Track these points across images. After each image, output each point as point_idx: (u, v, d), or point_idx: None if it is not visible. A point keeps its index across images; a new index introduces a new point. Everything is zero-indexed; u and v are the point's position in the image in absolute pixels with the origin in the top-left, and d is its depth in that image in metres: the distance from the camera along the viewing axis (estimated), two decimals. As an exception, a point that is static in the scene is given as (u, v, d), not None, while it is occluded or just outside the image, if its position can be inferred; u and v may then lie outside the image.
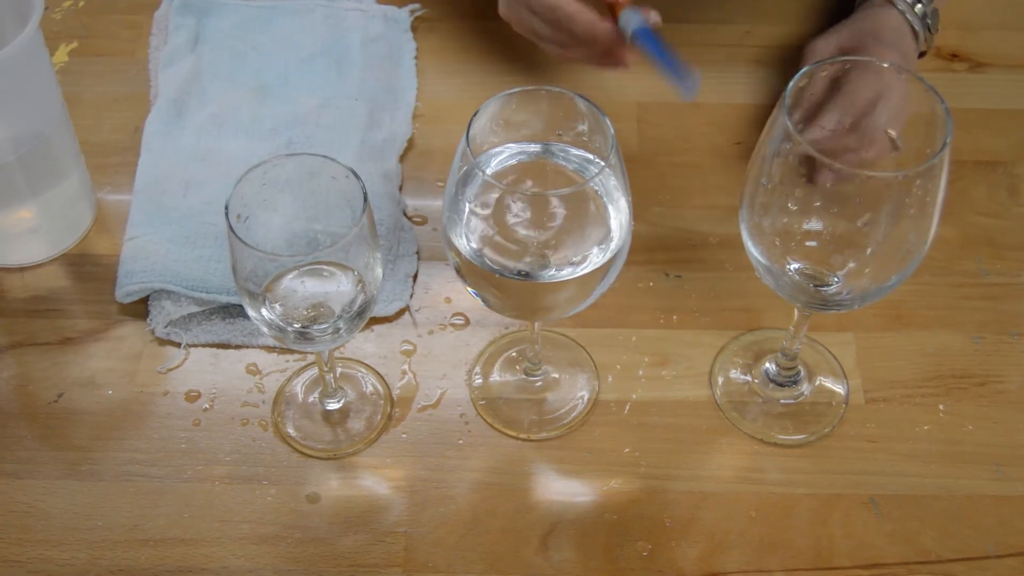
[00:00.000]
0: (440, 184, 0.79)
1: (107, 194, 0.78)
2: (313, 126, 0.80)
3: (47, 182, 0.72)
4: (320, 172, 0.57)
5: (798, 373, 0.69)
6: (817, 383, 0.69)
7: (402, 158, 0.80)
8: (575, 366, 0.70)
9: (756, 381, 0.69)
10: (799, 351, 0.68)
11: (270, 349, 0.70)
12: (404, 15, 0.89)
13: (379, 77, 0.84)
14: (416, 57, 0.86)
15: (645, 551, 0.62)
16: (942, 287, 0.73)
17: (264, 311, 0.58)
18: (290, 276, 0.59)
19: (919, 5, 0.77)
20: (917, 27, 0.76)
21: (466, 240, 0.56)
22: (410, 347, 0.71)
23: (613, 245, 0.56)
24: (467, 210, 0.55)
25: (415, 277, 0.74)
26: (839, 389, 0.69)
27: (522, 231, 0.55)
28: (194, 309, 0.71)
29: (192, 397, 0.68)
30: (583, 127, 0.57)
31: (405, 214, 0.77)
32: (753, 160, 0.56)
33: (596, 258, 0.56)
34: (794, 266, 0.58)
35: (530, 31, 0.74)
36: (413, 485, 0.65)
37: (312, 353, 0.68)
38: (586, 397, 0.68)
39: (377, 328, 0.72)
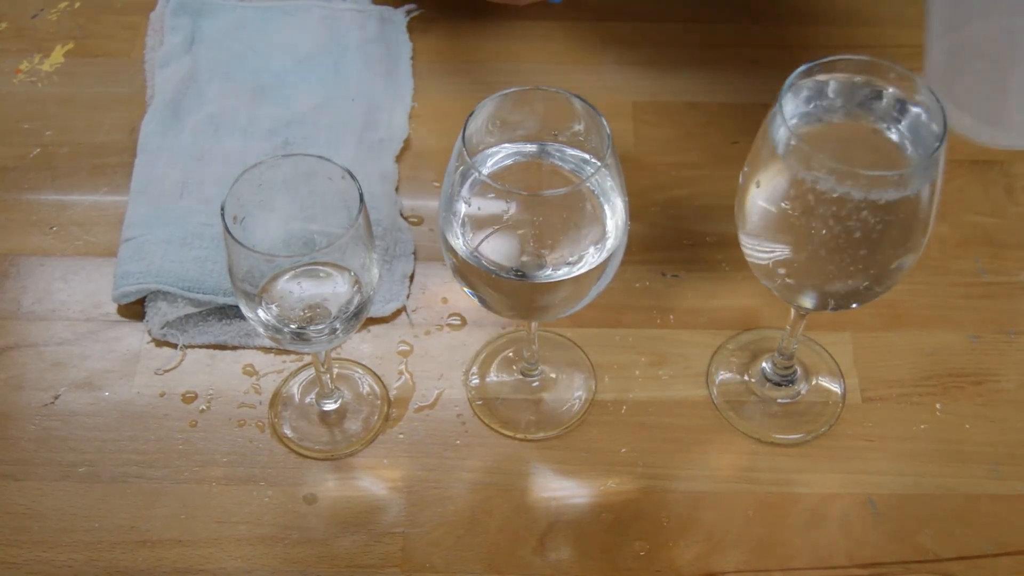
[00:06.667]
0: (437, 184, 0.79)
1: (104, 195, 0.78)
2: (310, 127, 0.80)
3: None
4: (317, 173, 0.57)
5: (795, 372, 0.69)
6: (814, 382, 0.69)
7: (399, 158, 0.80)
8: (572, 366, 0.70)
9: (753, 380, 0.69)
10: (796, 350, 0.68)
11: (267, 350, 0.70)
12: (400, 15, 0.89)
13: (376, 78, 0.84)
14: (412, 57, 0.86)
15: (642, 551, 0.62)
16: (939, 286, 0.73)
17: (260, 312, 0.58)
18: (286, 277, 0.59)
19: None
20: None
21: (462, 240, 0.56)
22: (407, 347, 0.71)
23: (609, 245, 0.56)
24: (463, 210, 0.55)
25: (412, 277, 0.74)
26: (836, 388, 0.69)
27: (518, 231, 0.55)
28: (191, 310, 0.70)
29: (189, 398, 0.68)
30: (579, 127, 0.57)
31: (402, 214, 0.76)
32: (749, 159, 0.56)
33: (592, 258, 0.55)
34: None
35: None
36: (410, 485, 0.65)
37: (309, 354, 0.68)
38: (583, 397, 0.68)
39: (374, 329, 0.71)
